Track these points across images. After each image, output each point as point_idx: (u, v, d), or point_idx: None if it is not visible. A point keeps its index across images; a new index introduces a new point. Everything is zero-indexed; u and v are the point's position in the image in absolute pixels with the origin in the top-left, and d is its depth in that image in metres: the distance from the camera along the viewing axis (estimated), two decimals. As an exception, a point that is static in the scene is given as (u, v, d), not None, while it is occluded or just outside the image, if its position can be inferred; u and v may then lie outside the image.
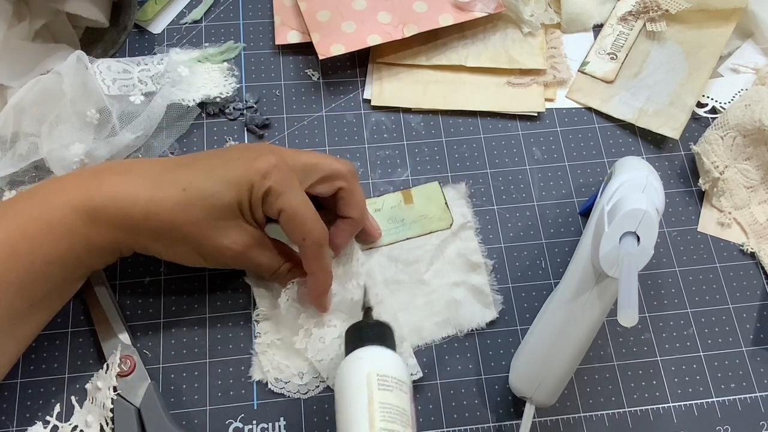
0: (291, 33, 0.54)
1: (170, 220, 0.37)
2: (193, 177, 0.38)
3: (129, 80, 0.48)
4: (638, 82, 0.53)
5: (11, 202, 0.38)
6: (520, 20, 0.55)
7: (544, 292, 0.46)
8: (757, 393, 0.45)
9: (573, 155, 0.51)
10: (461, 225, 0.47)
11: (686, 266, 0.48)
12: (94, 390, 0.41)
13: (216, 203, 0.37)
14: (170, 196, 0.37)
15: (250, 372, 0.43)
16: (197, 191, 0.37)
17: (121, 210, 0.37)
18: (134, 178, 0.38)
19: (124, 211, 0.37)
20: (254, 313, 0.45)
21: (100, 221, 0.37)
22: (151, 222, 0.37)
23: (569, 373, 0.40)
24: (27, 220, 0.36)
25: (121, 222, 0.37)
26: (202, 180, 0.38)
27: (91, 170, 0.39)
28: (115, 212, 0.37)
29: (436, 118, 0.52)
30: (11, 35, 0.47)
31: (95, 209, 0.37)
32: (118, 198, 0.37)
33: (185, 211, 0.37)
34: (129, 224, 0.37)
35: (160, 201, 0.37)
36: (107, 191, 0.37)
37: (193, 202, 0.37)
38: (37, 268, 0.36)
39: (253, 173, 0.37)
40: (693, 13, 0.54)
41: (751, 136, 0.49)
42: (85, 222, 0.37)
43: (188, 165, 0.39)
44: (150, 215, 0.37)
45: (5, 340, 0.37)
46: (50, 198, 0.37)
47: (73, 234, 0.36)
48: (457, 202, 0.48)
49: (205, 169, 0.38)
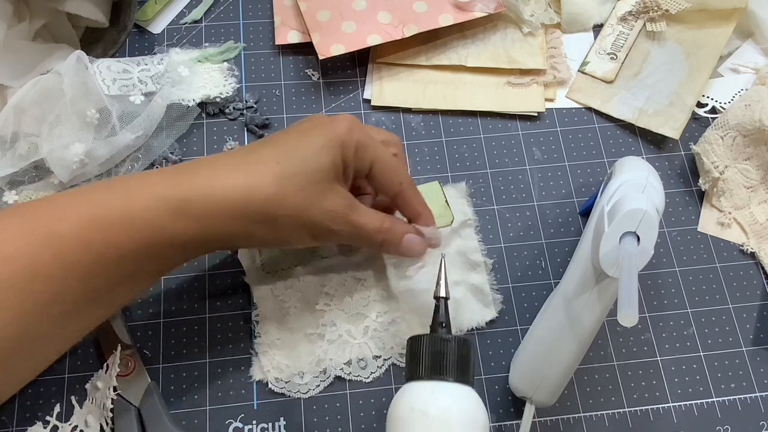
0: (291, 33, 0.54)
1: (273, 197, 0.36)
2: (282, 151, 0.37)
3: (129, 80, 0.48)
4: (638, 82, 0.53)
5: (87, 190, 0.35)
6: (520, 20, 0.55)
7: (544, 292, 0.46)
8: (757, 393, 0.45)
9: (573, 155, 0.51)
10: (462, 223, 0.47)
11: (686, 266, 0.48)
12: (94, 390, 0.41)
13: (314, 167, 0.36)
14: (266, 172, 0.36)
15: (251, 372, 0.43)
16: (292, 161, 0.36)
17: (219, 198, 0.35)
18: (223, 167, 0.36)
19: (222, 200, 0.35)
20: (254, 313, 0.45)
21: (190, 214, 0.35)
22: (253, 204, 0.35)
23: (569, 373, 0.40)
24: (104, 209, 0.34)
25: (218, 212, 0.35)
26: (293, 150, 0.37)
27: (175, 167, 0.37)
28: (211, 202, 0.35)
29: (436, 118, 0.52)
30: (11, 35, 0.47)
31: (186, 201, 0.35)
32: (214, 186, 0.35)
33: (287, 184, 0.36)
34: (228, 213, 0.35)
35: (258, 180, 0.35)
36: (200, 183, 0.35)
37: (291, 173, 0.36)
38: (109, 260, 0.34)
39: (339, 131, 0.37)
40: (693, 13, 0.54)
41: (751, 136, 0.49)
42: (171, 215, 0.34)
43: (269, 144, 0.38)
44: (251, 197, 0.35)
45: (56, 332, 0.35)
46: (132, 189, 0.35)
47: (155, 227, 0.34)
48: (458, 201, 0.48)
49: (288, 142, 0.37)
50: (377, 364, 0.44)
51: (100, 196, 0.35)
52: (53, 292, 0.33)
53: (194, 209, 0.35)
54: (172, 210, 0.34)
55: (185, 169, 0.37)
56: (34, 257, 0.33)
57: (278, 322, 0.44)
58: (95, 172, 0.48)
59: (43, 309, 0.33)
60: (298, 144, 0.37)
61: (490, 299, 0.46)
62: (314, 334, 0.44)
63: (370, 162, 0.39)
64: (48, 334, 0.35)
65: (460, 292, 0.45)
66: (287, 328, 0.44)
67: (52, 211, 0.34)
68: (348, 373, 0.43)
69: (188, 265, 0.46)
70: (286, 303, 0.44)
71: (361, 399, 0.43)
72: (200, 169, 0.36)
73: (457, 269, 0.46)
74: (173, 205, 0.34)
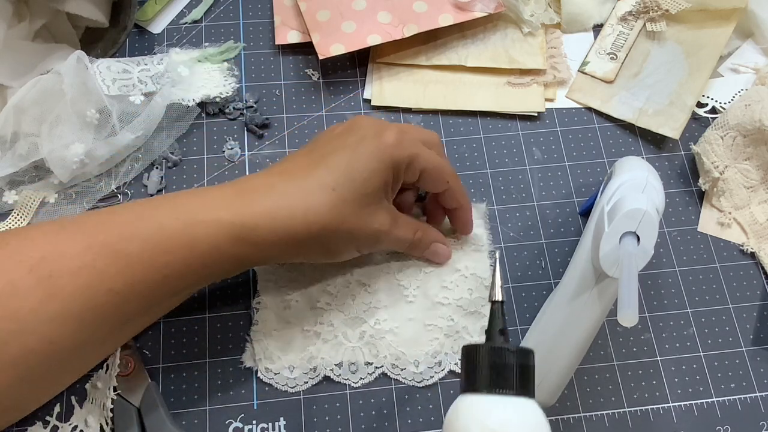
0: (291, 33, 0.54)
1: (331, 223, 0.37)
2: (336, 174, 0.38)
3: (129, 80, 0.48)
4: (638, 82, 0.53)
5: (150, 207, 0.37)
6: (520, 20, 0.55)
7: (544, 292, 0.46)
8: (757, 393, 0.45)
9: (573, 155, 0.51)
10: (476, 246, 0.47)
11: (686, 266, 0.48)
12: (94, 390, 0.41)
13: (367, 191, 0.38)
14: (324, 201, 0.37)
15: (242, 358, 0.43)
16: (347, 187, 0.37)
17: (280, 228, 0.36)
18: (282, 193, 0.37)
19: (282, 229, 0.36)
20: (254, 300, 0.45)
21: (250, 241, 0.36)
22: (313, 231, 0.37)
23: (569, 373, 0.40)
24: (169, 231, 0.35)
25: (278, 239, 0.37)
26: (346, 174, 0.38)
27: (233, 188, 0.38)
28: (271, 230, 0.36)
29: (436, 118, 0.52)
30: (11, 35, 0.47)
31: (247, 228, 0.36)
32: (275, 217, 0.36)
33: (343, 211, 0.37)
34: (287, 239, 0.37)
35: (317, 209, 0.37)
36: (260, 211, 0.36)
37: (346, 199, 0.37)
38: (169, 278, 0.36)
39: (390, 149, 0.38)
40: (693, 13, 0.54)
41: (751, 136, 0.49)
42: (232, 240, 0.36)
43: (321, 162, 0.38)
44: (311, 225, 0.37)
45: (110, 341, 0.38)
46: (196, 213, 0.36)
47: (215, 251, 0.36)
48: (476, 222, 0.47)
49: (340, 161, 0.38)
50: (368, 371, 0.43)
51: (165, 218, 0.36)
52: (114, 304, 0.35)
53: (255, 237, 0.36)
54: (234, 237, 0.36)
55: (244, 192, 0.38)
56: (101, 274, 0.34)
57: (277, 313, 0.44)
58: (95, 172, 0.48)
59: (103, 320, 0.36)
60: (351, 166, 0.38)
61: None
62: (310, 330, 0.44)
63: (420, 172, 0.40)
64: (103, 342, 0.38)
65: (461, 323, 0.45)
66: (285, 321, 0.44)
67: (118, 229, 0.35)
68: (338, 375, 0.43)
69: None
70: (288, 295, 0.44)
71: (361, 399, 0.43)
72: (260, 194, 0.37)
73: (467, 292, 0.45)
74: (236, 233, 0.36)
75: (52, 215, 0.47)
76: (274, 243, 0.37)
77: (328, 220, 0.37)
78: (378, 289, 0.45)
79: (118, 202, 0.48)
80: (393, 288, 0.45)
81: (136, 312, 0.37)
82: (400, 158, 0.39)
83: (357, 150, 0.38)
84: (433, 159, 0.41)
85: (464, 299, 0.45)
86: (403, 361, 0.44)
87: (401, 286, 0.45)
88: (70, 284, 0.34)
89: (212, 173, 0.49)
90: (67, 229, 0.36)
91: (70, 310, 0.34)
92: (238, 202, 0.37)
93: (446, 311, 0.45)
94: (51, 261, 0.34)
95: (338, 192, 0.37)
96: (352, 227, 0.38)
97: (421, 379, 0.43)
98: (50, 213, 0.47)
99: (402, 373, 0.44)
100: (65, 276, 0.34)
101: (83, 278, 0.34)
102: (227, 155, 0.50)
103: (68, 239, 0.35)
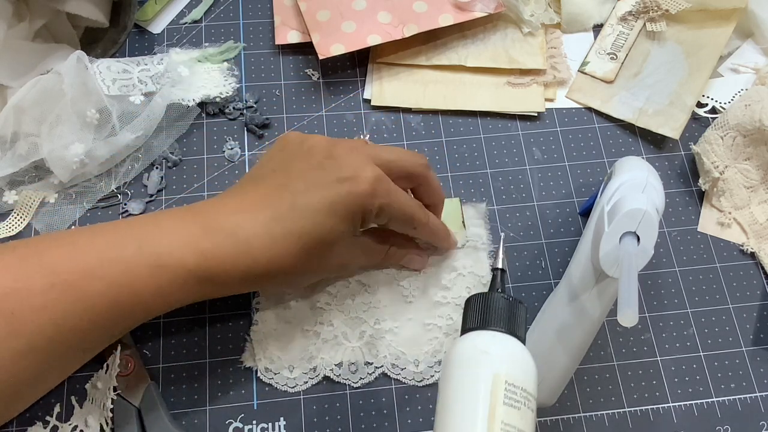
0: (291, 33, 0.54)
1: (292, 271, 0.37)
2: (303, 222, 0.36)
3: (129, 80, 0.48)
4: (638, 82, 0.53)
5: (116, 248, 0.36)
6: (520, 20, 0.55)
7: (544, 292, 0.46)
8: (757, 393, 0.45)
9: (573, 155, 0.51)
10: (475, 246, 0.47)
11: (686, 266, 0.48)
12: (94, 390, 0.41)
13: (333, 239, 0.38)
14: (288, 252, 0.36)
15: (242, 358, 0.43)
16: (313, 236, 0.37)
17: (242, 272, 0.36)
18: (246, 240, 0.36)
19: (247, 274, 0.36)
20: (254, 300, 0.45)
21: (213, 281, 0.36)
22: (273, 277, 0.37)
23: (569, 373, 0.40)
24: (135, 275, 0.35)
25: (240, 281, 0.37)
26: (313, 222, 0.37)
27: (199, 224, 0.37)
28: (234, 275, 0.36)
29: (436, 118, 0.52)
30: (11, 35, 0.47)
31: (211, 273, 0.36)
32: (237, 263, 0.36)
33: (307, 260, 0.37)
34: (250, 281, 0.37)
35: (280, 260, 0.36)
36: (223, 256, 0.36)
37: (311, 250, 0.37)
38: (135, 314, 0.36)
39: (361, 198, 0.37)
40: (693, 13, 0.54)
41: (751, 136, 0.49)
42: (196, 281, 0.36)
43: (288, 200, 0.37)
44: (272, 272, 0.37)
45: (72, 366, 0.39)
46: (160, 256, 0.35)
47: (181, 291, 0.36)
48: (475, 221, 0.48)
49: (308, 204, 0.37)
50: (368, 371, 0.43)
51: (131, 259, 0.35)
52: (78, 339, 0.36)
53: (218, 279, 0.36)
54: (199, 278, 0.36)
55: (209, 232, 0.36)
56: (64, 312, 0.34)
57: (277, 313, 0.44)
58: (95, 172, 0.48)
59: (67, 353, 0.36)
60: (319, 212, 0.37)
61: None
62: (310, 330, 0.44)
63: (388, 219, 0.40)
64: (65, 368, 0.39)
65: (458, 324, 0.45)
66: (285, 320, 0.44)
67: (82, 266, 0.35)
68: (338, 375, 0.43)
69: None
70: (288, 295, 0.44)
71: (361, 399, 0.43)
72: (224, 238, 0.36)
73: (465, 290, 0.46)
74: (200, 275, 0.36)
75: (52, 215, 0.47)
76: (236, 283, 0.37)
77: (290, 269, 0.37)
78: (378, 289, 0.45)
79: (118, 202, 0.48)
80: (392, 288, 0.45)
81: (99, 342, 0.38)
82: (370, 208, 0.38)
83: (328, 188, 0.37)
84: (404, 208, 0.40)
85: (463, 298, 0.45)
86: (403, 360, 0.44)
87: (401, 286, 0.45)
88: (33, 321, 0.34)
89: (212, 173, 0.49)
90: (28, 262, 0.35)
91: (33, 346, 0.34)
92: (203, 245, 0.36)
93: (445, 310, 0.45)
94: (14, 299, 0.34)
95: (303, 241, 0.36)
96: (316, 269, 0.39)
97: (421, 378, 0.43)
98: (50, 213, 0.47)
99: (402, 372, 0.44)
100: (28, 313, 0.33)
101: (47, 316, 0.34)
102: (227, 155, 0.50)
103: (31, 275, 0.34)
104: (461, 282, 0.46)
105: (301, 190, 0.37)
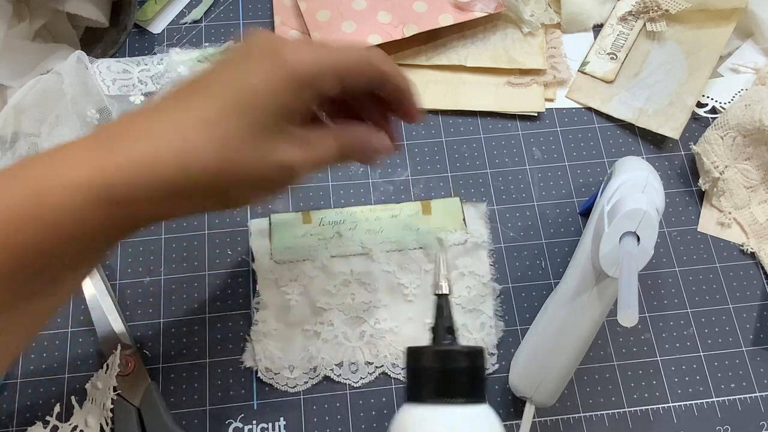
0: (291, 33, 0.54)
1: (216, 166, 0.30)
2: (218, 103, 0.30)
3: (129, 80, 0.48)
4: (638, 82, 0.53)
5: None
6: (520, 20, 0.55)
7: (544, 292, 0.46)
8: (757, 393, 0.45)
9: (573, 155, 0.51)
10: (476, 244, 0.47)
11: (686, 266, 0.48)
12: (94, 390, 0.41)
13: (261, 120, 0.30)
14: (203, 138, 0.29)
15: (242, 358, 0.43)
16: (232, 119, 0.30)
17: (152, 180, 0.29)
18: (146, 135, 0.29)
19: (155, 180, 0.29)
20: (254, 300, 0.45)
21: (119, 200, 0.29)
22: (195, 179, 0.30)
23: (569, 373, 0.40)
24: (18, 209, 0.28)
25: (154, 194, 0.29)
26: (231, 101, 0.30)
27: (94, 138, 0.30)
28: (142, 185, 0.29)
29: (436, 118, 0.52)
30: (11, 35, 0.47)
31: (110, 188, 0.28)
32: (142, 167, 0.28)
33: (230, 149, 0.30)
34: (167, 192, 0.29)
35: (194, 151, 0.29)
36: (124, 160, 0.28)
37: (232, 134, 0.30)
38: (25, 261, 0.28)
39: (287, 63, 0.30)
40: (693, 13, 0.54)
41: (751, 136, 0.49)
42: (96, 204, 0.28)
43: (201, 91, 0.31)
44: (191, 171, 0.29)
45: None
46: (43, 178, 0.28)
47: (79, 220, 0.28)
48: (476, 221, 0.48)
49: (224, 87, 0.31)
50: (368, 371, 0.43)
51: (11, 189, 0.28)
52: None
53: (123, 195, 0.28)
54: (97, 199, 0.28)
55: (103, 141, 0.30)
56: None
57: (277, 313, 0.44)
58: (95, 172, 0.48)
59: None
60: (237, 90, 0.30)
61: (492, 324, 0.45)
62: (310, 330, 0.44)
63: (338, 80, 0.32)
64: None
65: (459, 321, 0.45)
66: (285, 320, 0.44)
67: None
68: (338, 375, 0.43)
69: (188, 265, 0.46)
70: (288, 295, 0.44)
71: (361, 399, 0.43)
72: (121, 141, 0.29)
73: (465, 290, 0.46)
74: (98, 194, 0.28)
75: (52, 215, 0.46)
76: (151, 199, 0.29)
77: (211, 162, 0.29)
78: (378, 288, 0.45)
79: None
80: (393, 287, 0.45)
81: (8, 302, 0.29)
82: (301, 70, 0.30)
83: (244, 69, 0.30)
84: (350, 56, 0.32)
85: (463, 297, 0.45)
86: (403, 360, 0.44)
87: (401, 285, 0.45)
88: None
89: (212, 173, 0.49)
90: None
91: None
92: (96, 155, 0.28)
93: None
94: None
95: (221, 126, 0.29)
96: (248, 168, 0.30)
97: (421, 379, 0.43)
98: (50, 213, 0.47)
99: (402, 372, 0.44)
100: None
101: None
102: (227, 155, 0.50)
103: None
104: (461, 282, 0.46)
105: (214, 77, 0.31)
